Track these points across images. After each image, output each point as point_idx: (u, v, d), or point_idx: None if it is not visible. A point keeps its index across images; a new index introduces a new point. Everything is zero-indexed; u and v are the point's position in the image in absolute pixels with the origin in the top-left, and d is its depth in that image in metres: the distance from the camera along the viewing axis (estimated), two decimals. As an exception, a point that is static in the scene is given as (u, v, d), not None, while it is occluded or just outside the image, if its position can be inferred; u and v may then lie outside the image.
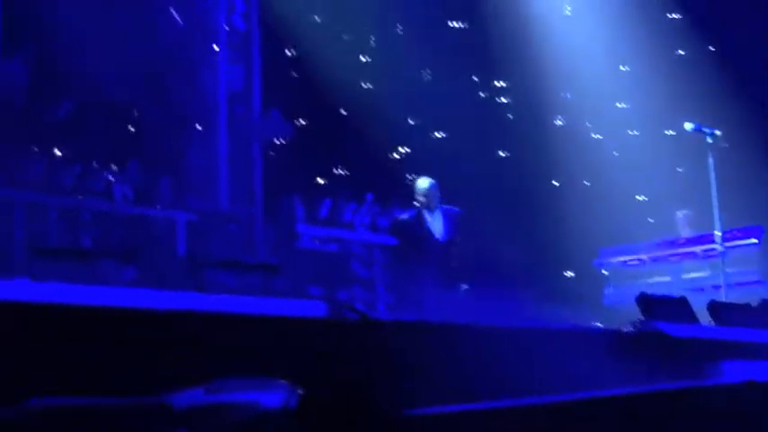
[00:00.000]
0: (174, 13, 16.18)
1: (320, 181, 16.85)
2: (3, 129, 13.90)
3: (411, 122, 18.43)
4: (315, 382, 4.51)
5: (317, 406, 4.14)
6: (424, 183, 13.08)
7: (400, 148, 18.34)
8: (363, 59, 18.16)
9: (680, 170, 18.69)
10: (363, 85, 17.81)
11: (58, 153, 14.26)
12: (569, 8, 19.55)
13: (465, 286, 14.21)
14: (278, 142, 16.68)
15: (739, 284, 13.07)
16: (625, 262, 14.89)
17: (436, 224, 12.85)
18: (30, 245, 11.62)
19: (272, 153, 16.60)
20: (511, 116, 19.74)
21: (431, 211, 12.88)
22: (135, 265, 6.54)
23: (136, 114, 15.43)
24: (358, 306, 6.23)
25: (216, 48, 16.32)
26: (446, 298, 12.12)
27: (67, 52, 15.09)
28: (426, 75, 18.78)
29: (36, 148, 13.91)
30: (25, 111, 14.69)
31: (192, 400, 4.11)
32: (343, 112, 17.52)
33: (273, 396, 3.91)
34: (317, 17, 17.33)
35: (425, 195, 12.91)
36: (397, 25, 18.54)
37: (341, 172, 17.33)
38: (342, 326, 5.96)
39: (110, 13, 14.93)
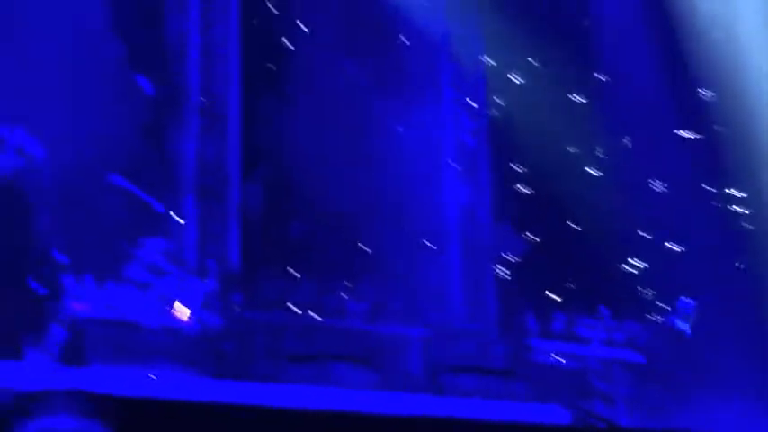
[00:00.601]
0: (401, 131, 16.51)
1: (553, 296, 16.61)
2: (244, 248, 14.40)
3: (644, 235, 18.02)
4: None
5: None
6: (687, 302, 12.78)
7: (634, 261, 17.92)
8: (592, 172, 17.96)
9: None
10: (593, 197, 17.57)
11: (294, 272, 14.60)
12: (806, 111, 18.93)
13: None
14: (510, 258, 16.64)
15: None
16: None
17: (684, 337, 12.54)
18: (269, 354, 11.82)
19: (503, 268, 16.57)
20: (748, 226, 19.06)
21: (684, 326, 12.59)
22: (372, 370, 6.56)
23: (368, 232, 15.70)
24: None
25: (449, 162, 16.56)
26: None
27: (302, 173, 15.59)
28: (657, 185, 18.41)
29: (273, 268, 14.30)
30: (261, 230, 15.18)
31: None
32: (574, 226, 17.30)
33: None
34: (543, 131, 17.32)
35: (685, 314, 12.66)
36: (626, 137, 18.32)
37: (574, 286, 17.05)
38: (587, 433, 5.79)
39: (340, 133, 15.37)
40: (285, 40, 16.40)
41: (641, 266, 17.88)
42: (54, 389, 4.33)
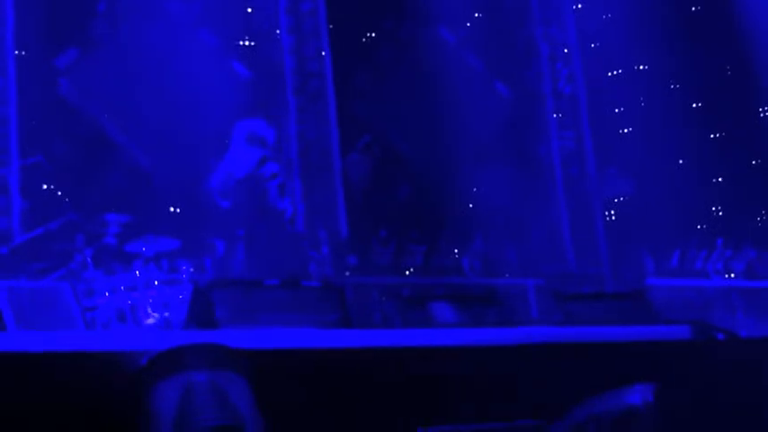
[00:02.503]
0: (499, 86, 16.54)
1: (666, 232, 16.49)
2: (351, 216, 14.60)
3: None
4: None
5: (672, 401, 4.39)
6: None
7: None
8: (694, 106, 17.66)
9: None
10: (698, 132, 17.25)
11: (405, 235, 14.74)
12: None
13: None
14: (618, 200, 16.59)
15: None
16: None
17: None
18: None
19: (613, 211, 16.53)
20: None
21: None
22: (491, 311, 6.69)
23: (474, 190, 15.77)
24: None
25: (549, 113, 16.58)
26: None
27: (402, 139, 15.71)
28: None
29: (383, 232, 14.45)
30: (369, 198, 15.36)
31: (570, 420, 4.49)
32: (680, 161, 17.07)
33: (635, 395, 4.53)
34: (642, 66, 17.11)
35: None
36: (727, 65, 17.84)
37: (686, 221, 16.88)
38: (709, 345, 5.85)
39: (438, 93, 15.43)
40: (372, 11, 16.53)
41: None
42: (186, 345, 4.49)
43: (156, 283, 10.40)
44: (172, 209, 14.01)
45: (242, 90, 15.00)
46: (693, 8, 17.57)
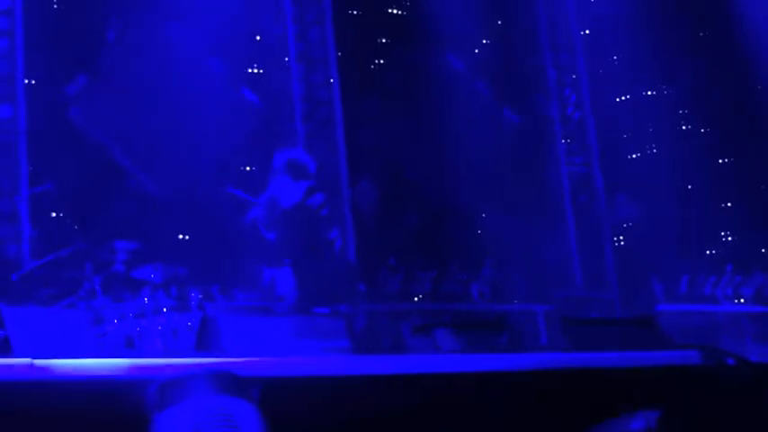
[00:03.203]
0: (508, 112, 16.55)
1: (675, 257, 16.46)
2: (360, 244, 14.60)
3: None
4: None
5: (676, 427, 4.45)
6: None
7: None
8: (703, 131, 17.68)
9: None
10: (707, 157, 17.26)
11: (414, 262, 14.73)
12: None
13: None
14: (627, 225, 16.58)
15: None
16: None
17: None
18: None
19: (622, 236, 16.51)
20: None
21: None
22: (501, 336, 6.68)
23: (483, 216, 15.77)
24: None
25: (557, 139, 16.58)
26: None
27: (411, 166, 15.71)
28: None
29: (392, 260, 14.44)
30: (378, 226, 15.35)
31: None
32: (689, 187, 17.09)
33: (638, 422, 4.67)
34: (650, 92, 17.13)
35: None
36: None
37: (696, 246, 16.87)
38: (719, 370, 5.84)
39: (446, 120, 15.45)
40: (381, 36, 16.59)
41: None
42: (195, 373, 4.49)
43: (164, 309, 10.40)
44: (180, 236, 14.04)
45: (251, 117, 15.04)
46: (701, 33, 17.59)
